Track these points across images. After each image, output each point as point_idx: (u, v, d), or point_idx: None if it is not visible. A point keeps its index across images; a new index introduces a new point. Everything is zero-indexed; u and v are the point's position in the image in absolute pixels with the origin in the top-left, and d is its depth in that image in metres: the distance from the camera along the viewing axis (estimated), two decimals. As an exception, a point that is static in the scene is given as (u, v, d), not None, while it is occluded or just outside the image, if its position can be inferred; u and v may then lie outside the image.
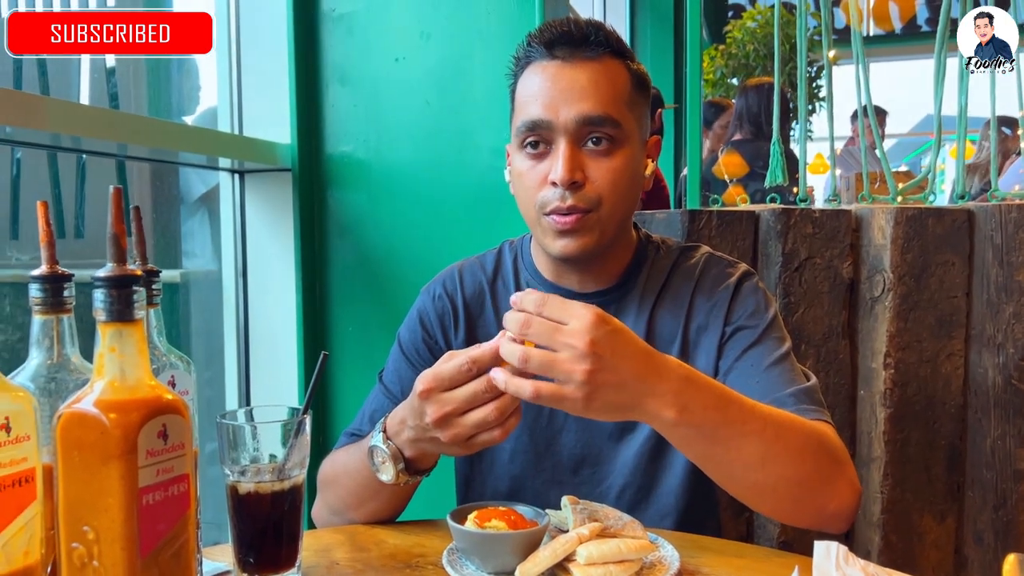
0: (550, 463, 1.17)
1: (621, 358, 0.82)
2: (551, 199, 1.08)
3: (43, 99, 1.71)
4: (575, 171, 1.06)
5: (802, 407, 1.03)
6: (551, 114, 1.07)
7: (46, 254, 0.73)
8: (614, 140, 1.08)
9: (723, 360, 1.13)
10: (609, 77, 1.08)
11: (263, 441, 0.88)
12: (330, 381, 2.20)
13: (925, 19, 7.32)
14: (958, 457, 1.74)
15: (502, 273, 1.25)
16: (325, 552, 0.98)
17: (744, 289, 1.16)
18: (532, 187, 1.10)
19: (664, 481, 1.15)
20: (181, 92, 2.42)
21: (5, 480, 0.65)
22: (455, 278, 1.25)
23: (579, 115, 1.06)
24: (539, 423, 1.17)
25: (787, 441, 0.92)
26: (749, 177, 3.22)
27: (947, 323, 1.71)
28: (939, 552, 1.75)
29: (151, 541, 0.61)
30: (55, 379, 0.74)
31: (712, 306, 1.15)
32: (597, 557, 0.84)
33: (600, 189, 1.08)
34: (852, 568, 0.79)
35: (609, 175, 1.08)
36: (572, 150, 1.07)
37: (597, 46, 1.08)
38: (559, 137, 1.07)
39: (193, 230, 2.39)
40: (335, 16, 2.15)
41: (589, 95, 1.06)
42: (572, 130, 1.06)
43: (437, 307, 1.23)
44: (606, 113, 1.07)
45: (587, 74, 1.07)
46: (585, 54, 1.08)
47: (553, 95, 1.07)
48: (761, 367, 1.09)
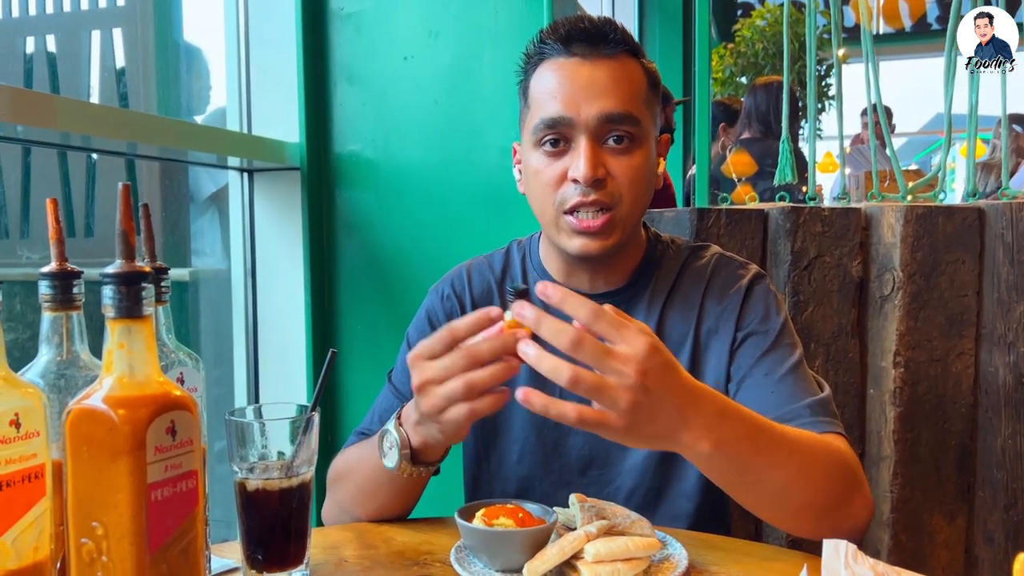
0: (558, 464, 1.17)
1: (667, 391, 0.79)
2: (571, 196, 1.07)
3: (54, 98, 1.72)
4: (598, 167, 1.06)
5: (817, 419, 1.03)
6: (572, 111, 1.06)
7: (55, 251, 0.73)
8: (634, 138, 1.08)
9: (735, 367, 1.12)
10: (628, 75, 1.08)
11: (271, 438, 0.88)
12: (339, 379, 2.20)
13: (936, 17, 7.28)
14: (968, 456, 1.73)
15: (510, 273, 1.25)
16: (333, 549, 0.98)
17: (755, 292, 1.16)
18: (550, 185, 1.09)
19: (676, 485, 1.15)
20: (190, 91, 2.43)
21: (15, 476, 0.65)
22: (463, 278, 1.25)
23: (600, 112, 1.05)
24: (547, 424, 1.16)
25: (811, 468, 0.92)
26: (758, 176, 3.21)
27: (957, 322, 1.70)
28: (949, 552, 1.74)
29: (160, 537, 0.62)
30: (64, 375, 0.74)
31: (723, 309, 1.15)
32: (605, 555, 0.84)
33: (621, 187, 1.07)
34: (861, 567, 0.78)
35: (630, 172, 1.08)
36: (594, 147, 1.06)
37: (615, 44, 1.08)
38: (580, 135, 1.06)
39: (202, 229, 2.40)
40: (343, 15, 2.15)
41: (611, 92, 1.06)
42: (593, 127, 1.06)
43: (446, 307, 1.23)
44: (627, 111, 1.06)
45: (607, 71, 1.07)
46: (604, 52, 1.07)
47: (574, 91, 1.06)
48: (775, 376, 1.08)
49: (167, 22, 2.33)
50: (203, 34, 2.37)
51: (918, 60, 7.94)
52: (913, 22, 7.53)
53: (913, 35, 7.70)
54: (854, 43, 2.12)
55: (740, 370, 1.12)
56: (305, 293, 2.14)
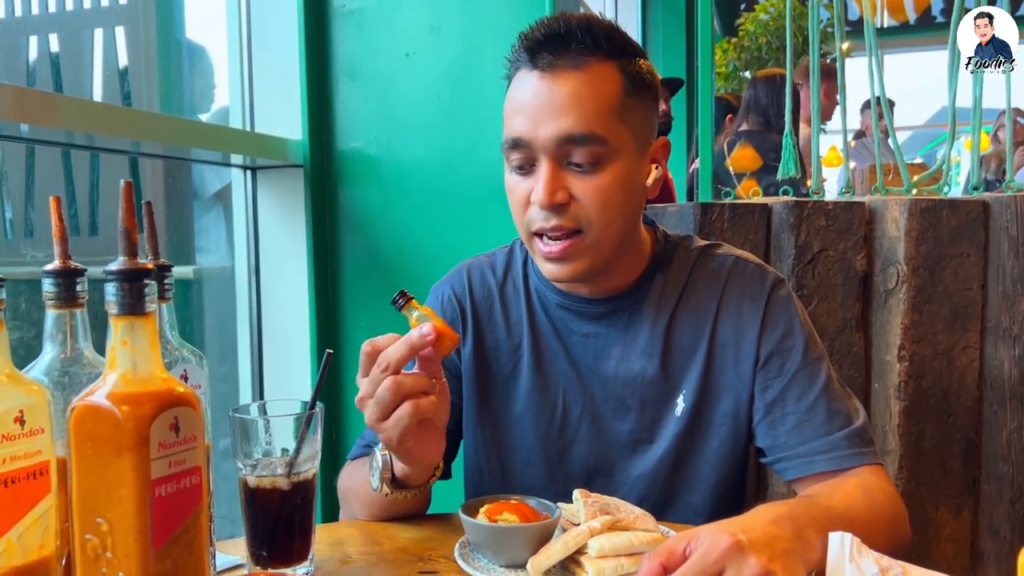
0: (562, 475, 1.15)
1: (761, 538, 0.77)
2: (536, 219, 1.02)
3: (57, 97, 1.72)
4: (556, 192, 1.00)
5: (854, 452, 1.03)
6: (530, 132, 1.00)
7: (59, 249, 0.73)
8: (601, 157, 1.00)
9: (759, 388, 1.09)
10: (594, 88, 1.00)
11: (275, 435, 0.88)
12: (341, 377, 2.20)
13: (940, 9, 7.25)
14: (974, 450, 1.72)
15: (512, 275, 1.21)
16: (338, 545, 0.98)
17: (776, 303, 1.11)
18: (519, 205, 1.05)
19: (685, 497, 1.12)
20: (193, 89, 2.43)
21: (20, 473, 0.65)
22: (464, 279, 1.22)
23: (558, 134, 0.99)
24: (551, 434, 1.14)
25: (861, 534, 0.88)
26: (762, 170, 3.20)
27: (962, 315, 1.70)
28: (954, 546, 1.74)
29: (164, 532, 0.62)
30: (68, 373, 0.74)
31: (741, 321, 1.10)
32: (609, 550, 0.84)
33: (588, 210, 1.01)
34: (865, 560, 0.78)
35: (597, 194, 1.01)
36: (554, 170, 1.00)
37: (581, 51, 1.00)
38: (541, 155, 1.00)
39: (206, 226, 2.40)
40: (345, 12, 2.15)
41: (569, 110, 0.98)
42: (552, 149, 1.00)
43: (447, 312, 1.20)
44: (588, 130, 0.99)
45: (568, 87, 0.99)
46: (567, 63, 0.99)
47: (534, 111, 1.00)
48: (807, 402, 1.06)
49: (170, 20, 2.33)
50: (206, 32, 2.37)
51: (922, 53, 7.91)
52: (917, 15, 7.50)
53: (917, 28, 7.67)
54: (858, 36, 2.11)
55: (768, 393, 1.08)
56: (309, 289, 2.15)
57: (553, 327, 1.16)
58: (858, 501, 0.95)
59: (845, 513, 0.90)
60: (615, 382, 1.12)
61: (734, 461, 1.12)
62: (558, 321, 1.16)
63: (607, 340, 1.13)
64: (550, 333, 1.16)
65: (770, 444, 1.08)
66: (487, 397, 1.17)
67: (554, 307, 1.16)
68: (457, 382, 1.19)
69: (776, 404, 1.07)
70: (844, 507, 0.92)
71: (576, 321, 1.14)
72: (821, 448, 1.03)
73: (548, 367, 1.15)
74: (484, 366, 1.18)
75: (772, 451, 1.08)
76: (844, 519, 0.88)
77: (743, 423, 1.10)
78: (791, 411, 1.06)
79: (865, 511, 0.94)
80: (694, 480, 1.12)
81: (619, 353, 1.12)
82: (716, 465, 1.11)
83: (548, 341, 1.16)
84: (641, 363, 1.11)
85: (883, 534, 0.94)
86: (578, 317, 1.14)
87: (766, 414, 1.08)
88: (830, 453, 1.03)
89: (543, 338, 1.16)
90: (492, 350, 1.18)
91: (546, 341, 1.16)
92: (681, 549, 0.76)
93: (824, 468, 1.03)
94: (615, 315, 1.13)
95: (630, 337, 1.12)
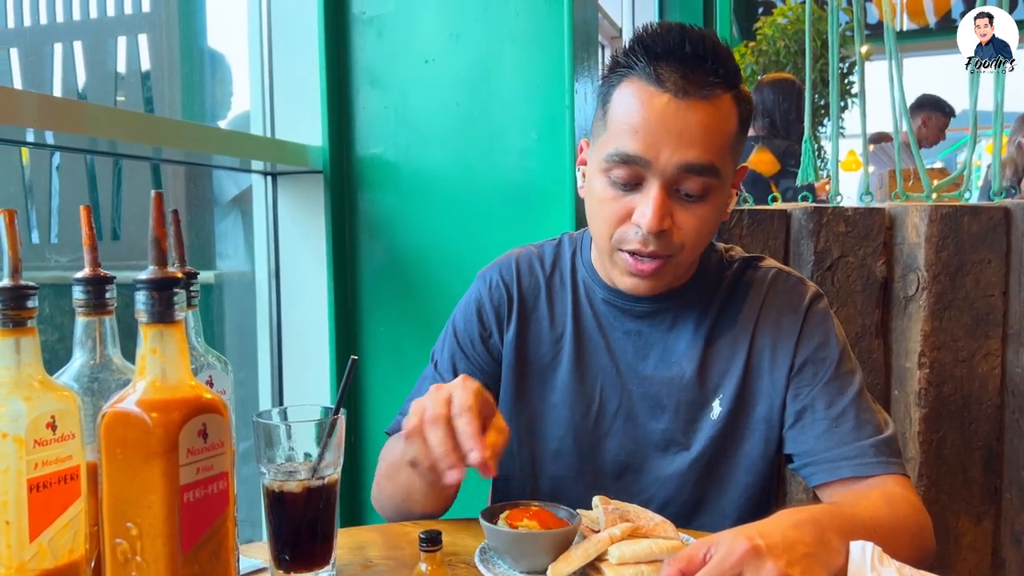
0: (592, 467, 1.16)
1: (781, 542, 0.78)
2: (631, 239, 1.02)
3: (82, 104, 1.74)
4: (665, 218, 0.99)
5: (880, 460, 1.03)
6: (651, 154, 0.98)
7: (89, 257, 0.75)
8: (710, 188, 1.01)
9: (792, 395, 1.10)
10: (720, 120, 0.99)
11: (298, 440, 0.89)
12: (362, 382, 2.21)
13: (960, 13, 7.19)
14: (995, 458, 1.71)
15: (560, 268, 1.21)
16: (359, 550, 0.99)
17: (815, 315, 1.12)
18: (610, 219, 1.03)
19: (715, 500, 1.13)
20: (214, 96, 2.46)
21: (51, 477, 0.67)
22: (512, 267, 1.22)
23: (682, 162, 0.98)
24: (585, 426, 1.15)
25: (883, 544, 0.88)
26: (780, 175, 3.19)
27: (983, 322, 1.69)
28: (976, 554, 1.72)
29: (192, 537, 0.63)
30: (98, 379, 0.76)
31: (780, 331, 1.12)
32: (629, 557, 0.85)
33: (685, 236, 1.02)
34: (887, 568, 0.78)
35: (697, 223, 1.02)
36: (664, 197, 0.99)
37: (711, 78, 0.97)
38: (653, 179, 0.99)
39: (226, 232, 2.42)
40: (365, 19, 2.17)
41: (697, 141, 0.97)
42: (670, 175, 0.99)
43: (494, 296, 1.20)
44: (710, 161, 0.98)
45: (699, 117, 0.97)
46: (697, 92, 0.97)
47: (657, 135, 0.97)
48: (837, 410, 1.07)
49: (191, 28, 2.35)
50: (227, 39, 2.39)
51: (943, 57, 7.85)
52: (938, 18, 7.44)
53: (938, 31, 7.60)
54: (877, 40, 2.11)
55: (799, 400, 1.09)
56: (328, 295, 2.16)
57: (597, 321, 1.17)
58: (881, 510, 0.95)
59: (869, 521, 0.90)
60: (653, 381, 1.14)
61: (764, 466, 1.13)
62: (603, 316, 1.17)
63: (649, 339, 1.15)
64: (593, 327, 1.17)
65: (798, 449, 1.09)
66: (525, 384, 1.19)
67: (600, 302, 1.17)
68: (497, 366, 1.20)
69: (807, 410, 1.09)
70: (868, 515, 0.92)
71: (620, 318, 1.16)
72: (848, 454, 1.04)
73: (588, 360, 1.16)
74: (525, 353, 1.19)
75: (800, 456, 1.09)
76: (867, 527, 0.88)
77: (775, 428, 1.12)
78: (821, 417, 1.07)
79: (888, 520, 0.94)
80: (724, 483, 1.13)
81: (659, 353, 1.14)
82: (747, 469, 1.13)
83: (591, 335, 1.17)
84: (680, 365, 1.13)
85: (906, 544, 0.94)
86: (623, 314, 1.15)
87: (796, 420, 1.09)
88: (856, 460, 1.03)
89: (586, 331, 1.17)
90: (534, 338, 1.19)
91: (589, 334, 1.17)
92: (701, 555, 0.76)
93: (849, 474, 1.03)
94: (659, 315, 1.14)
95: (672, 339, 1.14)
